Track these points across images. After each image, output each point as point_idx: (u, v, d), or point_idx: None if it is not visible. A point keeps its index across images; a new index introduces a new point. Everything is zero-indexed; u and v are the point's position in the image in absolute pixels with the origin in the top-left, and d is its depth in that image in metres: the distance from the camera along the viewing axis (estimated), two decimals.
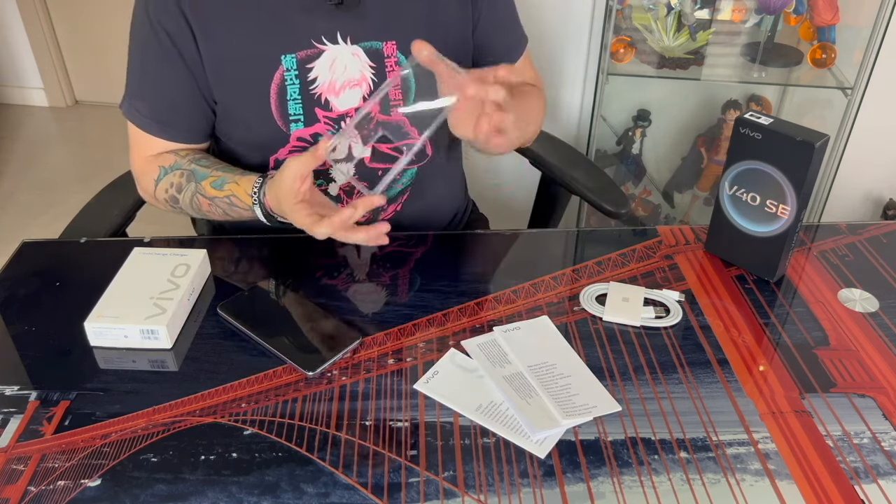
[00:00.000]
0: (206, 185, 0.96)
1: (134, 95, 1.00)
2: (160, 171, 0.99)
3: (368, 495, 0.67)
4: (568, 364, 0.81)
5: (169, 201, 1.00)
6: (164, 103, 0.99)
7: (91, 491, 0.67)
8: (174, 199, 0.99)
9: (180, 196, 0.98)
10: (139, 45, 0.98)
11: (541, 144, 1.27)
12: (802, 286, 0.94)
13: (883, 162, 2.09)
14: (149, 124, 0.99)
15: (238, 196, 0.93)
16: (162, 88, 0.98)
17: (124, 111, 1.01)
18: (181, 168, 0.98)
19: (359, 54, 0.97)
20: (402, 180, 1.06)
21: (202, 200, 0.97)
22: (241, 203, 0.93)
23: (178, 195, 0.98)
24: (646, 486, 0.68)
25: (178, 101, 0.98)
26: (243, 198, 0.93)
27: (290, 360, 0.80)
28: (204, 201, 0.97)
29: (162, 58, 0.95)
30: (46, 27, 2.97)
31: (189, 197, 0.97)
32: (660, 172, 2.15)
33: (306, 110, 0.97)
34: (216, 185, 0.95)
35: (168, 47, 0.94)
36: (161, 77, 0.97)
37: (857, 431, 0.74)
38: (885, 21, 1.70)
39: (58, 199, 2.53)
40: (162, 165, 0.99)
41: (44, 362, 0.81)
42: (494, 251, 1.04)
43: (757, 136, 0.88)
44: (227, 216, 0.97)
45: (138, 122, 1.00)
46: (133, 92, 1.00)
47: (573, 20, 1.92)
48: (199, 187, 0.96)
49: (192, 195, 0.97)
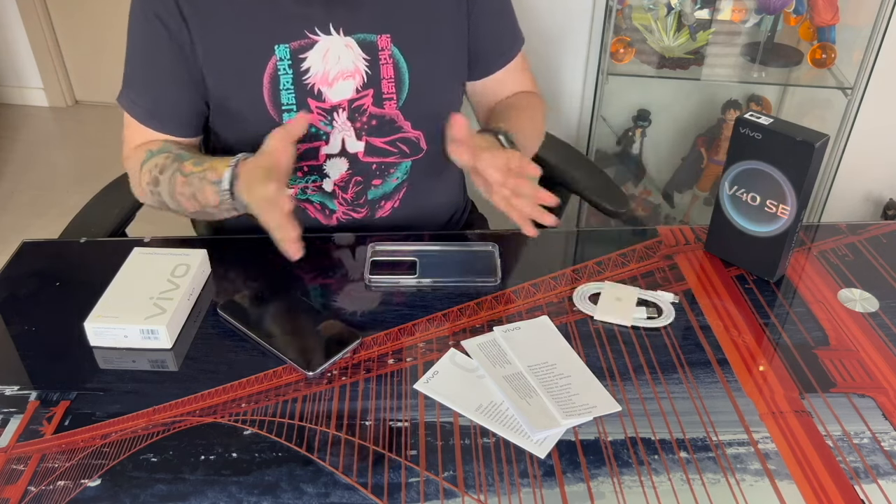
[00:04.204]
0: (188, 163, 0.94)
1: (130, 86, 1.00)
2: (146, 154, 0.98)
3: (368, 495, 0.67)
4: (568, 364, 0.81)
5: (151, 183, 0.97)
6: (158, 93, 0.99)
7: (91, 491, 0.67)
8: (156, 181, 0.96)
9: (162, 177, 0.96)
10: (134, 36, 0.98)
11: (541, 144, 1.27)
12: (802, 286, 0.94)
13: (883, 162, 2.09)
14: (142, 114, 1.00)
15: (215, 168, 0.90)
16: (156, 78, 0.98)
17: (120, 102, 1.01)
18: (167, 152, 0.97)
19: (352, 46, 0.98)
20: (398, 174, 1.06)
21: (178, 179, 0.94)
22: (214, 175, 0.90)
23: (161, 176, 0.96)
24: (646, 486, 0.68)
25: (171, 92, 0.99)
26: (219, 167, 0.90)
27: (290, 360, 0.80)
28: (180, 180, 0.93)
29: (156, 47, 0.96)
30: (46, 27, 2.97)
31: (169, 176, 0.95)
32: (660, 172, 2.15)
33: (299, 100, 0.97)
34: (197, 162, 0.93)
35: (163, 36, 0.95)
36: (155, 67, 0.97)
37: (857, 431, 0.74)
38: (885, 21, 1.70)
39: (58, 199, 2.54)
40: (150, 149, 0.99)
41: (44, 362, 0.81)
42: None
43: (757, 136, 0.88)
44: (194, 203, 0.94)
45: (132, 112, 1.00)
46: (129, 83, 1.00)
47: (573, 20, 1.92)
48: (180, 166, 0.94)
49: (171, 173, 0.94)
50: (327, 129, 1.00)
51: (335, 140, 1.01)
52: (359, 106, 1.00)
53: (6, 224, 2.43)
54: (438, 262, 0.96)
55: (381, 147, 1.03)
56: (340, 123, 1.00)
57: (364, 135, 1.01)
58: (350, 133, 1.01)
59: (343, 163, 1.02)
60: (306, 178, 1.03)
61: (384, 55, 0.99)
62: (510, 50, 1.12)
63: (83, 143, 2.91)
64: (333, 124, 1.00)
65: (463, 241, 1.00)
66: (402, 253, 0.97)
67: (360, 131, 1.01)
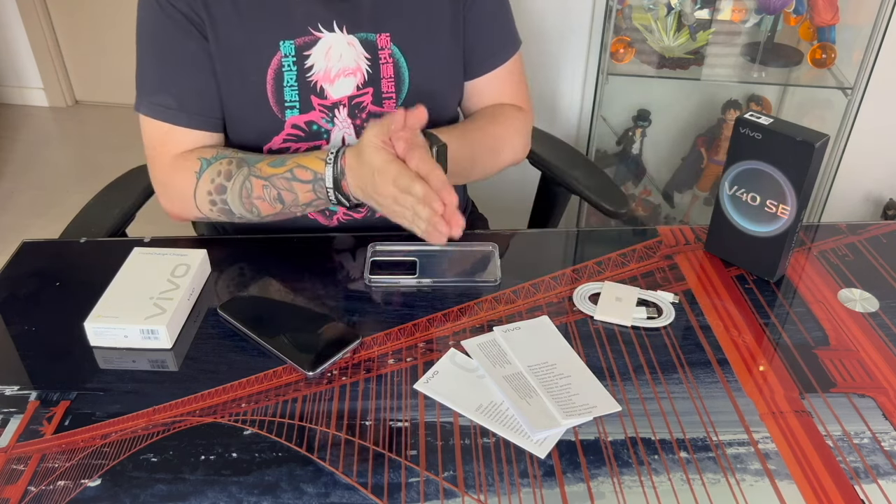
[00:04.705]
0: (263, 165, 0.92)
1: (154, 91, 0.96)
2: (202, 163, 0.94)
3: (368, 495, 0.67)
4: (568, 364, 0.81)
5: (214, 192, 0.94)
6: (189, 88, 0.96)
7: (91, 491, 0.67)
8: (222, 188, 0.93)
9: (229, 184, 0.92)
10: (151, 37, 0.96)
11: (541, 144, 1.27)
12: (802, 286, 0.94)
13: (883, 162, 2.09)
14: (175, 116, 0.95)
15: (304, 166, 0.89)
16: (184, 72, 0.95)
17: (144, 112, 0.96)
18: (227, 157, 0.94)
19: (354, 44, 0.98)
20: None
21: (255, 183, 0.91)
22: (306, 174, 0.89)
23: (227, 183, 0.93)
24: (646, 486, 0.68)
25: (201, 84, 0.96)
26: (311, 164, 0.89)
27: (290, 360, 0.80)
28: (258, 183, 0.91)
29: (177, 39, 0.93)
30: (46, 27, 2.97)
31: (241, 182, 0.92)
32: (660, 172, 2.15)
33: (302, 97, 0.97)
34: (275, 163, 0.91)
35: (185, 27, 0.93)
36: (180, 60, 0.95)
37: (857, 431, 0.74)
38: (885, 21, 1.70)
39: (58, 199, 2.54)
40: (203, 157, 0.95)
41: (44, 362, 0.81)
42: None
43: (757, 136, 0.88)
44: (277, 205, 0.93)
45: (163, 116, 0.95)
46: (152, 88, 0.96)
47: (573, 20, 1.92)
48: (252, 170, 0.92)
49: (243, 179, 0.92)
50: (328, 127, 1.00)
51: (336, 138, 1.01)
52: (358, 103, 1.00)
53: (6, 224, 2.44)
54: (438, 262, 0.96)
55: None
56: (341, 120, 1.00)
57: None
58: (350, 131, 1.01)
59: None
60: None
61: (384, 54, 0.99)
62: (501, 52, 1.09)
63: (83, 143, 2.91)
64: (335, 121, 1.00)
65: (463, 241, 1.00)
66: (402, 253, 0.97)
67: (360, 129, 1.01)
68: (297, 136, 0.99)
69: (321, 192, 0.91)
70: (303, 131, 0.99)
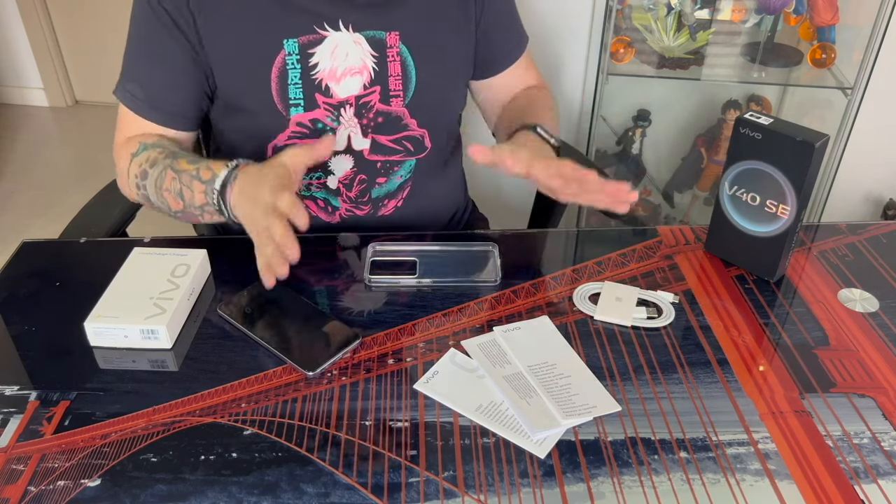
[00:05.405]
0: (182, 160, 0.92)
1: (129, 78, 0.99)
2: (139, 146, 0.96)
3: (368, 495, 0.67)
4: (568, 364, 0.81)
5: (139, 176, 0.95)
6: (160, 84, 0.98)
7: (91, 491, 0.67)
8: (145, 173, 0.94)
9: (151, 170, 0.93)
10: (137, 28, 0.97)
11: None
12: (802, 286, 0.94)
13: (883, 162, 2.09)
14: (141, 106, 0.99)
15: (210, 168, 0.87)
16: (158, 68, 0.98)
17: (118, 95, 1.00)
18: (161, 146, 0.96)
19: (360, 42, 0.98)
20: (402, 172, 1.06)
21: (168, 175, 0.91)
22: (207, 174, 0.87)
23: (150, 169, 0.93)
24: (646, 486, 0.68)
25: (173, 82, 0.98)
26: (215, 167, 0.87)
27: (290, 360, 0.80)
28: (170, 175, 0.91)
29: (160, 36, 0.95)
30: (46, 27, 2.97)
31: (159, 171, 0.92)
32: (660, 172, 2.15)
33: (306, 95, 0.98)
34: (192, 161, 0.91)
35: (168, 25, 0.94)
36: (158, 56, 0.97)
37: (857, 431, 0.74)
38: (885, 21, 1.70)
39: (58, 199, 2.54)
40: (143, 141, 0.97)
41: (44, 362, 0.81)
42: None
43: (757, 136, 0.88)
44: (179, 201, 0.91)
45: (130, 104, 0.99)
46: (128, 75, 0.99)
47: (573, 20, 1.92)
48: (173, 162, 0.92)
49: (162, 169, 0.92)
50: (334, 126, 1.00)
51: (341, 137, 1.01)
52: (366, 102, 1.00)
53: (6, 224, 2.43)
54: (438, 262, 0.96)
55: (387, 145, 1.03)
56: (347, 120, 1.00)
57: (370, 132, 1.01)
58: (356, 130, 1.01)
59: (348, 160, 1.02)
60: (311, 174, 1.03)
61: (392, 52, 0.99)
62: (517, 49, 1.14)
63: (83, 143, 2.91)
64: (340, 120, 1.00)
65: (463, 241, 1.00)
66: (402, 253, 0.97)
67: (367, 128, 1.01)
68: (303, 134, 0.99)
69: (211, 196, 0.87)
70: (308, 129, 0.99)
